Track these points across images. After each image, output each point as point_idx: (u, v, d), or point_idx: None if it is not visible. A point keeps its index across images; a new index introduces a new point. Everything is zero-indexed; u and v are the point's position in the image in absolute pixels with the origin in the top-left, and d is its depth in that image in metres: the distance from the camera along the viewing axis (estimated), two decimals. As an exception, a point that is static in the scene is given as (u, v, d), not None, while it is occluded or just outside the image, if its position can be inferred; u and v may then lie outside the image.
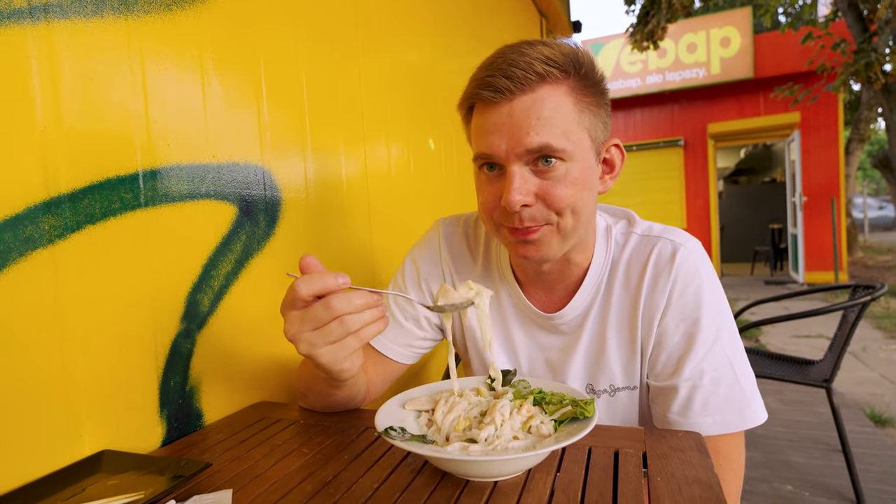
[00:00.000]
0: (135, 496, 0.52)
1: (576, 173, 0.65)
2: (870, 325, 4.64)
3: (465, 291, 0.63)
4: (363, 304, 0.56)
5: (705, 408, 0.68)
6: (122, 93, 0.67)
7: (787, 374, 1.99)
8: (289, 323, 0.57)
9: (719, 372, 0.68)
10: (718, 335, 0.69)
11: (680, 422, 0.69)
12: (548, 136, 0.62)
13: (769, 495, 1.94)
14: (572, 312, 0.77)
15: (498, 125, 0.63)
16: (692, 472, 0.53)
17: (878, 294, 1.85)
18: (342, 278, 0.56)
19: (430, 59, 1.66)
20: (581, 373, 0.77)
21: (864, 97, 8.42)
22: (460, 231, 0.88)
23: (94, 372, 0.63)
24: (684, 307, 0.70)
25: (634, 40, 6.86)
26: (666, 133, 8.10)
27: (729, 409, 0.68)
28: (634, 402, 0.76)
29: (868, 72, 5.49)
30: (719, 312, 0.70)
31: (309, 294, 0.55)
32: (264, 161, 0.91)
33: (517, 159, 0.63)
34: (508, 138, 0.63)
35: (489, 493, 0.51)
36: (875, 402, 2.84)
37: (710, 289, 0.71)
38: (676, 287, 0.70)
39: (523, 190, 0.63)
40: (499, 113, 0.63)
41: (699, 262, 0.71)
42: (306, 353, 0.57)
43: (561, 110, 0.63)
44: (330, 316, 0.55)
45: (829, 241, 7.09)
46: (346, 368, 0.60)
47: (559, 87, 0.63)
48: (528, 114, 0.62)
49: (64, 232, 0.59)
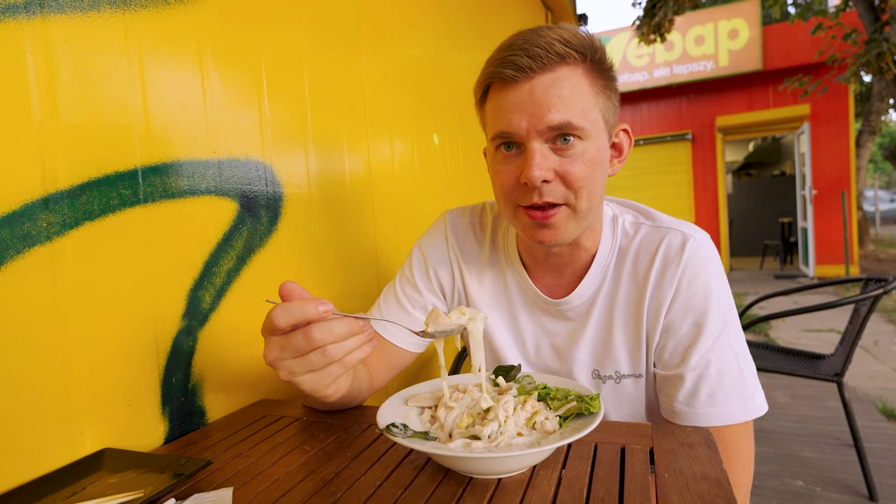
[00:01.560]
0: (134, 495, 0.52)
1: (592, 152, 0.66)
2: (881, 319, 4.58)
3: (458, 317, 0.59)
4: (346, 332, 0.53)
5: (711, 398, 0.68)
6: (121, 88, 0.66)
7: (798, 369, 1.97)
8: (268, 349, 0.55)
9: (724, 363, 0.69)
10: (725, 327, 0.70)
11: (686, 412, 0.69)
12: (568, 113, 0.63)
13: (780, 491, 1.92)
14: (579, 299, 0.77)
15: (518, 103, 0.64)
16: (700, 468, 0.51)
17: (890, 287, 1.83)
18: (323, 306, 0.51)
19: (434, 54, 1.64)
20: (587, 359, 0.78)
21: (875, 88, 8.29)
22: (466, 220, 0.89)
23: (95, 369, 0.62)
24: (693, 297, 0.70)
25: (641, 33, 6.80)
26: (674, 127, 8.03)
27: (734, 400, 0.68)
28: (640, 391, 0.77)
29: (879, 62, 5.40)
30: (726, 305, 0.71)
31: (287, 325, 0.52)
32: (266, 156, 0.90)
33: (538, 136, 0.64)
34: (530, 116, 0.64)
35: (493, 490, 0.50)
36: (887, 397, 2.80)
37: (718, 281, 0.71)
38: (685, 277, 0.71)
39: (543, 165, 0.64)
40: (519, 91, 0.64)
41: (708, 254, 0.72)
42: (286, 380, 0.55)
43: (579, 90, 0.64)
44: (310, 346, 0.52)
45: (840, 235, 7.00)
46: (331, 394, 0.59)
47: (577, 69, 0.65)
48: (548, 92, 0.63)
49: (62, 229, 0.59)
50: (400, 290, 0.87)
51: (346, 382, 0.60)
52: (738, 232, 9.65)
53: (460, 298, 0.87)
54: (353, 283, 1.16)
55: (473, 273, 0.85)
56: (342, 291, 1.12)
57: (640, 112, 8.23)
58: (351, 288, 1.15)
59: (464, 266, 0.86)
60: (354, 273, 1.17)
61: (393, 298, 0.87)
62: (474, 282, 0.85)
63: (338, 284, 1.11)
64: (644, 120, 8.21)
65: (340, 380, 0.58)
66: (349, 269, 1.15)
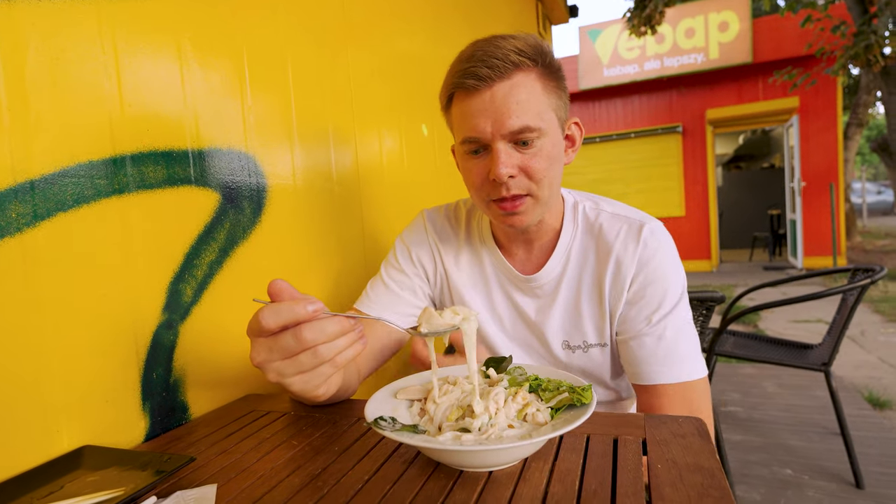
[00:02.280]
0: (115, 493, 0.50)
1: (549, 147, 0.74)
2: (868, 309, 4.64)
3: (451, 317, 0.59)
4: (337, 331, 0.52)
5: (666, 358, 0.77)
6: (94, 74, 0.64)
7: (786, 359, 1.98)
8: (255, 350, 0.53)
9: (677, 329, 0.77)
10: (681, 299, 0.79)
11: (643, 370, 0.77)
12: (526, 117, 0.71)
13: (768, 479, 1.93)
14: (546, 277, 0.86)
15: (481, 110, 0.71)
16: (694, 458, 0.51)
17: (877, 277, 1.84)
18: (313, 305, 0.50)
19: (424, 46, 1.62)
20: (558, 331, 0.86)
21: (863, 81, 8.36)
22: (442, 214, 0.98)
23: (71, 365, 0.60)
24: (653, 272, 0.79)
25: (632, 25, 6.78)
26: (664, 120, 8.03)
27: (688, 361, 0.77)
28: (606, 359, 0.85)
29: (867, 54, 5.43)
30: (682, 279, 0.81)
31: (276, 326, 0.51)
32: (249, 147, 0.88)
33: (501, 139, 0.72)
34: (493, 121, 0.71)
35: (484, 483, 0.49)
36: (873, 386, 2.84)
37: (675, 259, 0.81)
38: (645, 254, 0.79)
39: (508, 164, 0.72)
40: (481, 99, 0.71)
41: (664, 236, 0.82)
42: (275, 382, 0.54)
43: (534, 94, 0.72)
44: (300, 347, 0.51)
45: (828, 227, 7.07)
46: (322, 394, 0.58)
47: (530, 74, 0.72)
48: (507, 99, 0.70)
49: (33, 220, 0.56)
50: (387, 277, 0.92)
51: (337, 381, 0.59)
52: (727, 224, 9.71)
53: (443, 281, 0.94)
54: (339, 276, 1.14)
55: (451, 256, 0.93)
56: (328, 285, 1.10)
57: (631, 105, 8.23)
58: (337, 281, 1.13)
59: (443, 251, 0.93)
60: (341, 266, 1.15)
61: (380, 285, 0.91)
62: (452, 264, 0.93)
63: (324, 278, 1.09)
64: (635, 113, 8.21)
65: (331, 379, 0.57)
66: (335, 262, 1.13)
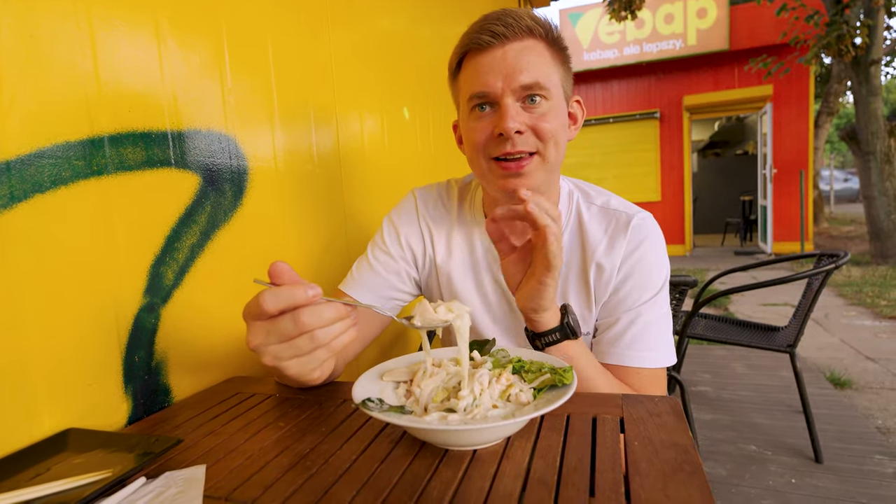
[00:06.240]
0: (102, 474, 0.50)
1: (556, 110, 0.75)
2: (832, 293, 4.83)
3: (445, 313, 0.60)
4: (334, 316, 0.54)
5: (633, 343, 0.78)
6: (69, 52, 0.62)
7: (754, 341, 2.06)
8: (252, 333, 0.54)
9: (652, 318, 0.79)
10: (660, 291, 0.80)
11: (609, 351, 0.79)
12: (537, 75, 0.72)
13: (734, 455, 2.03)
14: None
15: (493, 66, 0.73)
16: (668, 435, 0.53)
17: (841, 262, 1.91)
18: (312, 290, 0.52)
19: (406, 26, 1.60)
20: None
21: (834, 70, 8.56)
22: (434, 193, 0.96)
23: (50, 348, 0.59)
24: (637, 262, 0.80)
25: (613, 10, 6.77)
26: (642, 105, 8.11)
27: (658, 349, 0.78)
28: (589, 345, 0.86)
29: (839, 44, 5.55)
30: (664, 274, 0.81)
31: (276, 310, 0.52)
32: (229, 128, 0.86)
33: (511, 94, 0.72)
34: (504, 76, 0.72)
35: (468, 461, 0.51)
36: (835, 366, 2.98)
37: (661, 250, 0.82)
38: (632, 245, 0.80)
39: (517, 118, 0.72)
40: (493, 56, 0.73)
41: (652, 228, 0.83)
42: (271, 365, 0.55)
43: (544, 59, 0.74)
44: (298, 331, 0.52)
45: (797, 213, 7.29)
46: (316, 378, 0.59)
47: (541, 42, 0.74)
48: (519, 57, 0.72)
49: (9, 202, 0.55)
50: (372, 258, 0.91)
51: (330, 365, 0.60)
52: (701, 209, 9.93)
53: (431, 263, 0.92)
54: (322, 257, 1.14)
55: (443, 237, 0.91)
56: (311, 267, 1.10)
57: (609, 90, 8.28)
58: (320, 262, 1.13)
59: (434, 232, 0.91)
60: (324, 248, 1.14)
61: (366, 266, 0.91)
62: (443, 246, 0.91)
63: (306, 259, 1.09)
64: (614, 97, 8.27)
65: (326, 363, 0.58)
66: (318, 244, 1.13)
